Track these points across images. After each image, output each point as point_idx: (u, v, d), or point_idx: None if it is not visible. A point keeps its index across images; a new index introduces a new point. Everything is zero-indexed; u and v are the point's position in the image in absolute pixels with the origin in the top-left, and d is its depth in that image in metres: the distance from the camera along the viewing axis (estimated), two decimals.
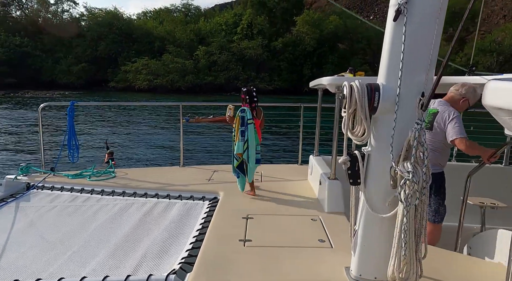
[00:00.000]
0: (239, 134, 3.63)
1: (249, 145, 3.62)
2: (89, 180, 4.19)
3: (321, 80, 3.33)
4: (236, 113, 3.72)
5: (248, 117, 3.61)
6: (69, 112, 4.21)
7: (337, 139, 3.26)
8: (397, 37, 1.79)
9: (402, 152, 1.79)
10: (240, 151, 3.64)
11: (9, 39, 50.01)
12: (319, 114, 4.32)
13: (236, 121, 3.69)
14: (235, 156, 3.71)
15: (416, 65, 1.79)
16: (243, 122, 3.62)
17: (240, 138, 3.62)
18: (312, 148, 4.58)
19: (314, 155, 4.37)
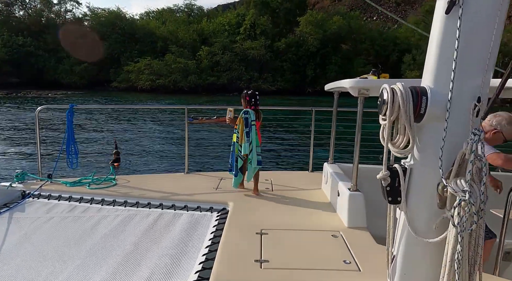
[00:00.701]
0: (245, 135, 3.75)
1: (253, 146, 3.80)
2: (89, 188, 3.93)
3: (341, 82, 3.05)
4: (240, 115, 3.80)
5: (251, 119, 3.77)
6: (68, 115, 3.95)
7: (359, 146, 3.00)
8: (450, 32, 1.53)
9: (454, 167, 1.53)
10: (247, 151, 3.77)
11: (12, 38, 50.00)
12: (334, 118, 4.05)
13: (239, 123, 3.79)
14: (241, 156, 3.82)
15: (472, 65, 1.53)
16: (247, 123, 3.74)
17: (246, 139, 3.75)
18: (324, 154, 4.30)
19: (328, 162, 4.10)
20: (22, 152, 12.37)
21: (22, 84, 45.85)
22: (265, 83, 48.14)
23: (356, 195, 3.05)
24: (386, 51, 50.10)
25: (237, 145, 3.82)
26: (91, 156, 11.73)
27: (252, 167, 3.81)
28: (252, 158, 3.79)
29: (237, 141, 3.82)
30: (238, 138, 3.80)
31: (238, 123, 3.80)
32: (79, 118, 19.35)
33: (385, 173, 1.71)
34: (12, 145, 13.68)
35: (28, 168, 8.59)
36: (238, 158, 3.82)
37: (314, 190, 4.10)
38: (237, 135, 3.82)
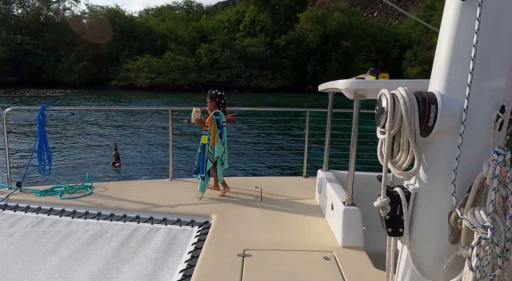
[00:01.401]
0: (217, 137, 3.73)
1: (225, 147, 3.83)
2: (60, 199, 3.62)
3: (335, 83, 2.74)
4: (210, 116, 3.77)
5: (222, 120, 3.79)
6: (39, 117, 3.66)
7: (356, 153, 2.70)
8: (466, 24, 1.22)
9: (470, 194, 1.21)
10: (221, 153, 3.78)
11: (11, 37, 49.68)
12: (329, 120, 3.74)
13: (211, 124, 3.74)
14: (211, 158, 3.78)
15: (494, 65, 1.21)
16: (219, 125, 3.74)
17: (219, 140, 3.73)
18: (319, 159, 4.01)
19: (323, 169, 3.76)
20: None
21: (21, 83, 45.53)
22: (265, 81, 47.78)
23: (351, 211, 2.73)
24: (387, 47, 49.63)
25: (208, 147, 3.76)
26: (70, 161, 11.07)
27: (223, 168, 3.85)
28: (225, 159, 3.85)
29: (208, 143, 3.76)
30: (209, 140, 3.75)
31: (209, 124, 3.75)
32: (56, 120, 18.37)
33: (384, 200, 1.39)
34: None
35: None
36: (207, 160, 3.77)
37: (307, 200, 3.78)
38: (208, 137, 3.76)
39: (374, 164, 4.87)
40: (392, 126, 1.31)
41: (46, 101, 32.35)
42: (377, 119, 1.39)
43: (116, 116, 20.30)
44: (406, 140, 1.31)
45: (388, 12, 72.60)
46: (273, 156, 11.63)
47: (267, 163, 10.75)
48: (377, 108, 1.40)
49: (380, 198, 1.41)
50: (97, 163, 10.90)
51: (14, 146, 11.83)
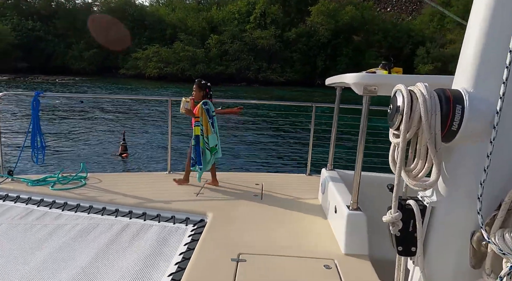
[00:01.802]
0: (210, 126, 3.73)
1: (217, 136, 3.86)
2: (52, 189, 3.49)
3: (343, 77, 2.51)
4: (200, 106, 3.70)
5: (212, 110, 3.79)
6: (33, 104, 3.52)
7: (363, 152, 2.47)
8: (502, 8, 1.02)
9: (499, 212, 1.02)
10: (216, 142, 3.81)
11: (22, 23, 49.93)
12: (335, 117, 3.51)
13: (202, 115, 3.71)
14: (209, 148, 3.76)
15: None
16: (209, 114, 3.73)
17: (212, 130, 3.74)
18: (324, 157, 3.82)
19: (327, 168, 3.54)
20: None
21: (31, 69, 45.87)
22: (273, 74, 47.39)
23: (356, 216, 2.52)
24: (400, 43, 48.79)
25: (202, 138, 3.72)
26: (68, 150, 10.79)
27: (215, 157, 3.88)
28: (218, 148, 3.87)
29: (201, 134, 3.71)
30: (202, 130, 3.70)
31: (200, 115, 3.69)
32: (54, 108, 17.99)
33: (395, 215, 1.18)
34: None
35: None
36: (205, 151, 3.74)
37: (309, 200, 3.59)
38: (201, 128, 3.70)
39: (382, 164, 4.63)
40: (408, 128, 1.11)
41: (55, 88, 32.48)
42: (390, 119, 1.19)
43: (121, 105, 20.02)
44: (425, 145, 1.11)
45: (402, 7, 71.24)
46: (276, 151, 11.26)
47: (270, 159, 10.45)
48: (390, 107, 1.19)
49: (390, 212, 1.20)
50: (98, 153, 10.71)
51: (8, 132, 11.66)
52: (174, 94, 31.88)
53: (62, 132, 13.15)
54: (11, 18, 49.77)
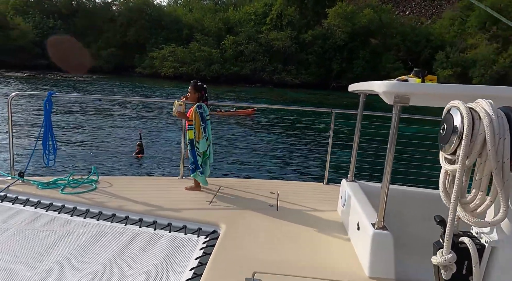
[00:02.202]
0: (202, 131, 3.63)
1: (210, 141, 3.76)
2: (61, 193, 3.41)
3: (371, 84, 2.33)
4: (194, 110, 3.63)
5: (206, 113, 3.69)
6: (45, 105, 3.47)
7: (391, 166, 2.27)
8: None
9: None
10: (205, 148, 3.71)
11: (44, 21, 51.15)
12: (358, 125, 3.29)
13: (195, 118, 3.62)
14: (199, 153, 3.69)
15: None
16: (203, 118, 3.63)
17: (203, 135, 3.64)
18: (342, 165, 3.65)
19: (348, 179, 3.33)
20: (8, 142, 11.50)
21: (50, 66, 46.87)
22: (288, 76, 47.18)
23: (382, 236, 2.27)
24: (418, 47, 47.88)
25: (194, 142, 3.67)
26: (79, 150, 10.63)
27: (209, 163, 3.80)
28: (209, 153, 3.77)
29: (194, 138, 3.66)
30: (195, 134, 3.64)
31: (193, 118, 3.62)
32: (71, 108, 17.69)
33: (448, 256, 0.99)
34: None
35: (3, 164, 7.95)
36: (197, 155, 3.67)
37: (328, 213, 3.37)
38: (194, 132, 3.63)
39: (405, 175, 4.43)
40: (468, 154, 0.93)
41: (73, 85, 33.07)
42: (444, 141, 1.03)
43: (136, 105, 19.90)
44: (488, 175, 0.93)
45: (421, 11, 69.97)
46: (292, 157, 10.84)
47: (285, 165, 10.08)
48: (444, 126, 1.03)
49: (441, 252, 1.02)
50: (112, 154, 10.64)
51: (19, 133, 11.61)
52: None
53: (75, 133, 13.10)
54: (33, 16, 51.02)
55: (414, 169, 4.79)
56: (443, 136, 1.03)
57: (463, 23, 48.45)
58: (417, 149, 4.83)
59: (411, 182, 4.22)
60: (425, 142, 4.80)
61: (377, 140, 6.19)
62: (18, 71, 41.99)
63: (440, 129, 1.05)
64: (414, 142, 4.82)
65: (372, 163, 5.31)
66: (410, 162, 4.42)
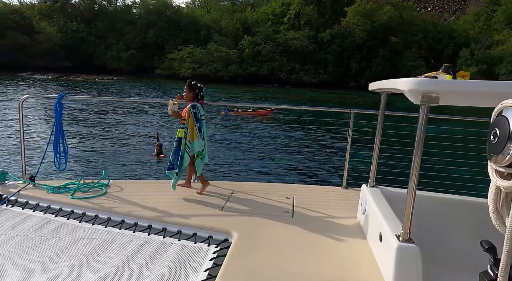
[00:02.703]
0: (196, 130, 3.59)
1: (205, 141, 3.72)
2: (71, 198, 3.38)
3: (394, 82, 2.10)
4: (188, 109, 3.58)
5: (201, 113, 3.64)
6: (56, 107, 3.48)
7: (418, 171, 2.05)
8: None
9: None
10: (201, 148, 3.65)
11: (67, 24, 52.76)
12: (380, 126, 3.05)
13: (188, 118, 3.58)
14: (189, 153, 3.61)
15: None
16: (197, 118, 3.59)
17: (198, 134, 3.60)
18: (362, 168, 3.49)
19: (368, 184, 3.10)
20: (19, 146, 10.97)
21: (74, 68, 48.32)
22: (306, 75, 46.81)
23: (408, 249, 2.05)
24: (440, 44, 46.48)
25: (184, 141, 3.58)
26: (92, 153, 10.42)
27: (203, 162, 3.74)
28: (205, 153, 3.74)
29: (185, 137, 3.58)
30: (186, 133, 3.57)
31: (187, 118, 3.57)
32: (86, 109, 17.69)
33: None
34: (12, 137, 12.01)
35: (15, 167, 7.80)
36: (184, 155, 3.57)
37: (348, 220, 3.17)
38: (185, 130, 3.58)
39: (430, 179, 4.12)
40: None
41: (95, 87, 33.90)
42: (496, 150, 0.85)
43: (148, 106, 19.86)
44: None
45: (444, 7, 67.93)
46: (309, 159, 10.35)
47: (301, 167, 9.65)
48: (495, 132, 0.85)
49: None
50: (125, 157, 10.47)
51: (31, 136, 11.58)
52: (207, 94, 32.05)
53: (86, 135, 13.06)
54: (57, 20, 52.69)
55: (439, 173, 4.49)
56: (495, 144, 0.85)
57: (489, 19, 46.70)
58: (442, 151, 4.57)
59: (437, 186, 3.99)
60: (450, 144, 4.53)
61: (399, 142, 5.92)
62: (44, 73, 43.47)
63: (489, 136, 0.87)
64: (438, 143, 4.55)
65: (395, 166, 5.06)
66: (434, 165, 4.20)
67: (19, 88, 29.27)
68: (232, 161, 10.12)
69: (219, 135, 13.46)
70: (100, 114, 17.86)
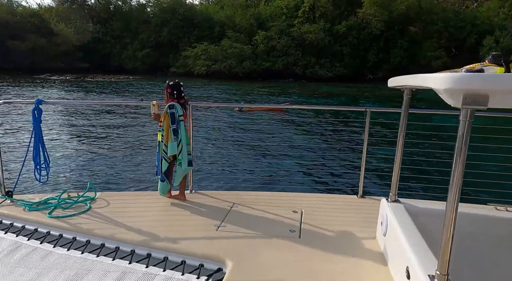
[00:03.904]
0: (171, 133, 3.28)
1: (182, 145, 3.35)
2: (49, 217, 3.01)
3: (424, 78, 1.61)
4: (164, 110, 3.31)
5: (179, 114, 3.32)
6: (33, 113, 3.15)
7: (461, 185, 1.55)
8: None
9: None
10: (175, 152, 3.32)
11: (84, 25, 53.56)
12: (403, 128, 2.59)
13: (164, 119, 3.30)
14: (166, 158, 3.34)
15: None
16: (174, 119, 3.29)
17: (172, 137, 3.29)
18: (381, 175, 3.04)
19: (389, 198, 2.61)
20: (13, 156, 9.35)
21: (91, 69, 49.06)
22: (322, 69, 45.90)
23: None
24: (463, 33, 44.55)
25: (161, 145, 3.34)
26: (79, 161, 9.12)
27: (182, 169, 3.37)
28: (182, 158, 3.35)
29: (162, 140, 3.33)
30: (163, 136, 3.32)
31: (163, 119, 3.30)
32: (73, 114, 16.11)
33: None
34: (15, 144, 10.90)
35: None
36: (162, 159, 3.32)
37: (366, 241, 2.71)
38: (162, 134, 3.32)
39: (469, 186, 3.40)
40: None
41: (112, 87, 34.24)
42: None
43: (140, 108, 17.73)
44: None
45: None
46: (320, 164, 9.37)
47: (311, 171, 8.71)
48: None
49: None
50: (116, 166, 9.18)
51: (9, 146, 10.53)
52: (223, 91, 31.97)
53: (72, 142, 11.82)
54: (74, 22, 53.56)
55: (479, 179, 3.82)
56: None
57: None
58: (483, 153, 3.95)
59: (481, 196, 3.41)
60: (491, 142, 3.93)
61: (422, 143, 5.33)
62: (61, 75, 44.30)
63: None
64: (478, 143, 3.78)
65: (420, 172, 4.46)
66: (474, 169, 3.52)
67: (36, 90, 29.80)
68: (233, 167, 9.15)
69: (224, 135, 12.65)
70: (89, 117, 16.42)
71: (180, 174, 3.39)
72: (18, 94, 25.45)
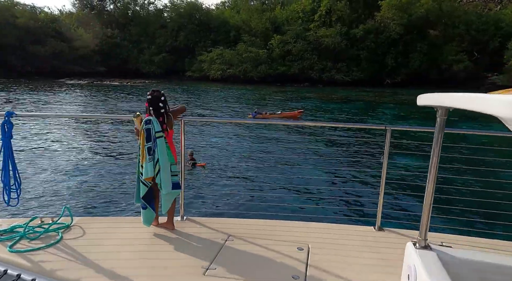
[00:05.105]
0: (146, 152, 2.81)
1: (160, 166, 2.83)
2: (9, 251, 2.56)
3: (477, 100, 1.20)
4: (141, 126, 2.84)
5: (156, 130, 2.82)
6: (3, 128, 2.78)
7: None
8: None
9: None
10: (151, 174, 2.83)
11: (103, 30, 54.59)
12: (436, 153, 2.09)
13: (140, 135, 2.85)
14: (143, 181, 2.86)
15: None
16: (149, 136, 2.82)
17: (147, 157, 2.81)
18: (402, 203, 2.55)
19: (418, 244, 2.05)
20: None
21: (108, 73, 49.83)
22: (338, 74, 45.13)
23: None
24: (485, 36, 42.97)
25: (138, 166, 2.90)
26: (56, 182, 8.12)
27: (164, 193, 2.87)
28: (161, 182, 2.84)
29: (139, 160, 2.88)
30: (139, 156, 2.87)
31: (139, 136, 2.87)
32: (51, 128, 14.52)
33: None
34: None
35: None
36: (141, 183, 2.87)
37: None
38: (139, 153, 2.87)
39: None
40: None
41: (128, 91, 34.46)
42: None
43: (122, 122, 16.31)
44: None
45: None
46: (332, 189, 8.16)
47: (320, 197, 7.65)
48: None
49: None
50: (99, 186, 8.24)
51: None
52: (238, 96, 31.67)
53: (47, 160, 10.37)
54: (93, 27, 54.63)
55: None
56: None
57: None
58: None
59: None
60: None
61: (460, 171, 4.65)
62: (80, 79, 45.12)
63: None
64: None
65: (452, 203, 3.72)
66: None
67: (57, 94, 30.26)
68: (231, 189, 8.13)
69: (223, 152, 11.55)
70: (68, 132, 14.87)
71: (166, 199, 2.91)
72: (32, 100, 25.79)
